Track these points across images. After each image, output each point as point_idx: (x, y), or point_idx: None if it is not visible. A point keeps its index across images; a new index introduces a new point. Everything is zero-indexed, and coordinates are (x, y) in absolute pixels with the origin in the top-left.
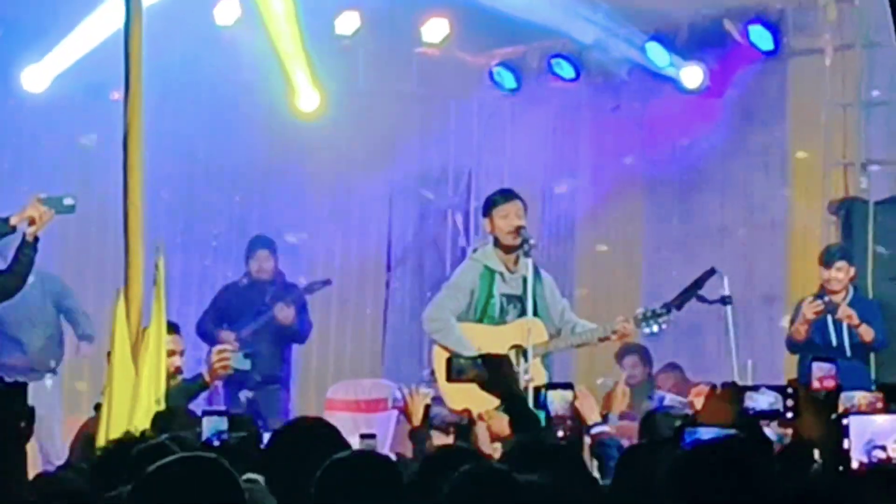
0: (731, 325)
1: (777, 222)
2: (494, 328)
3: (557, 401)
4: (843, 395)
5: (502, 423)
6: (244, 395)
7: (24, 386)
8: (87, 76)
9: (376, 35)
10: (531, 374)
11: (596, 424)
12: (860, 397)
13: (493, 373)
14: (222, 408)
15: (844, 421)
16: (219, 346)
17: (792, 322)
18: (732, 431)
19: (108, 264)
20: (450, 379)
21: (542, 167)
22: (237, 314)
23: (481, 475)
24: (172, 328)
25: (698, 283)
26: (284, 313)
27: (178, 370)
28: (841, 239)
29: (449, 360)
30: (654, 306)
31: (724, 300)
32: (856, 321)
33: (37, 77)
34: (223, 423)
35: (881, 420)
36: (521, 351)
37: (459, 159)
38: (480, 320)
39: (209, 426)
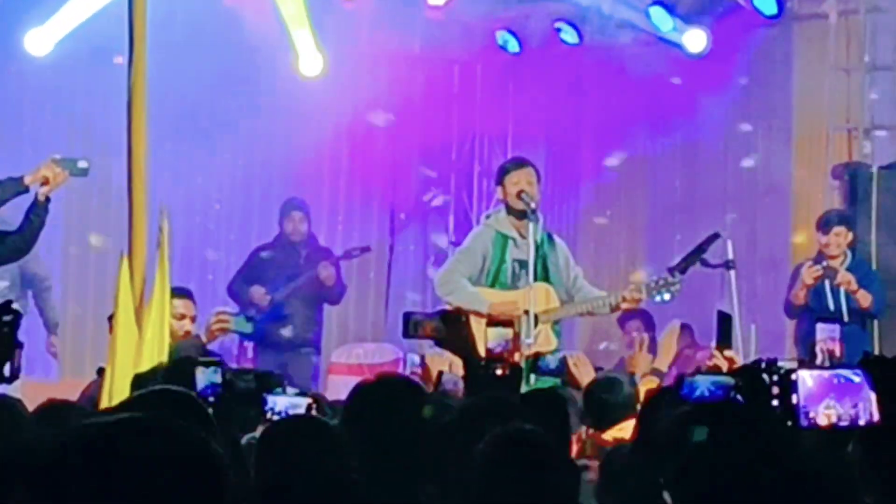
0: (734, 289)
1: (780, 187)
2: (505, 293)
3: (493, 338)
4: None
5: None
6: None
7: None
8: (90, 40)
9: None
10: (543, 339)
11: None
12: None
13: (451, 330)
14: (217, 357)
15: (793, 376)
16: (219, 308)
17: (790, 287)
18: (731, 380)
19: (112, 227)
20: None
21: (546, 132)
22: (270, 275)
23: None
24: (185, 294)
25: (702, 247)
26: (328, 272)
27: (188, 335)
28: (844, 204)
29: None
30: (664, 275)
31: (728, 264)
32: (854, 287)
33: (40, 41)
34: (217, 375)
35: (811, 382)
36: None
37: (463, 123)
38: (492, 285)
39: (202, 378)
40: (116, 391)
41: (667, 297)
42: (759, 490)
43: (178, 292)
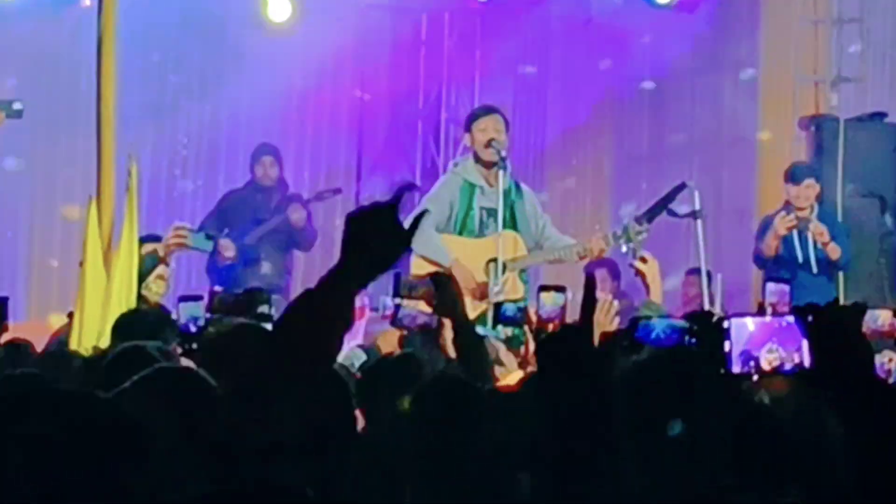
0: (701, 239)
1: (747, 138)
2: (473, 241)
3: (549, 303)
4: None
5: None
6: (265, 309)
7: None
8: None
9: None
10: (509, 287)
11: None
12: (883, 316)
13: (441, 292)
14: (199, 293)
15: (725, 324)
16: (177, 223)
17: (758, 237)
18: (686, 324)
19: (79, 171)
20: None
21: (513, 80)
22: (240, 220)
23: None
24: (156, 239)
25: (669, 196)
26: (299, 214)
27: (161, 276)
28: (811, 156)
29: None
30: (629, 222)
31: (695, 214)
32: (826, 238)
33: None
34: (199, 310)
35: (753, 326)
36: (499, 264)
37: (430, 71)
38: (460, 233)
39: (185, 312)
40: (86, 334)
41: (632, 244)
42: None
43: (148, 239)
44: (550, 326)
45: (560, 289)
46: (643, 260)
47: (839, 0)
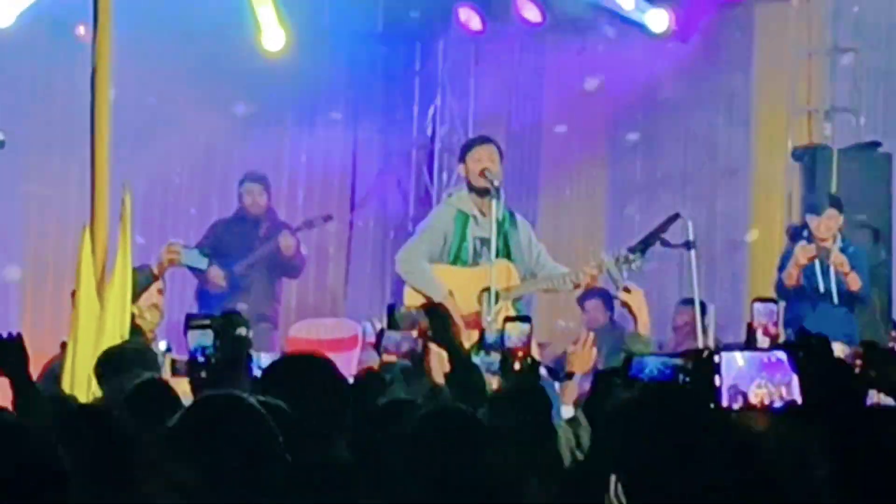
0: (695, 270)
1: (741, 168)
2: (466, 270)
3: (515, 334)
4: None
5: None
6: (241, 331)
7: None
8: (52, 10)
9: None
10: (502, 316)
11: None
12: (838, 349)
13: (435, 323)
14: (206, 320)
15: (716, 358)
16: (171, 240)
17: (780, 267)
18: (681, 362)
19: (73, 200)
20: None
21: (507, 110)
22: (229, 248)
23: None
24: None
25: (662, 227)
26: (288, 241)
27: (155, 305)
28: (805, 186)
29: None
30: (623, 251)
31: (688, 245)
32: (847, 268)
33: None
34: (207, 338)
35: (742, 361)
36: (492, 294)
37: (424, 101)
38: (454, 263)
39: (193, 340)
40: (79, 365)
41: (626, 273)
42: (702, 472)
43: (142, 269)
44: (520, 354)
45: (525, 319)
46: (627, 290)
47: (833, 30)
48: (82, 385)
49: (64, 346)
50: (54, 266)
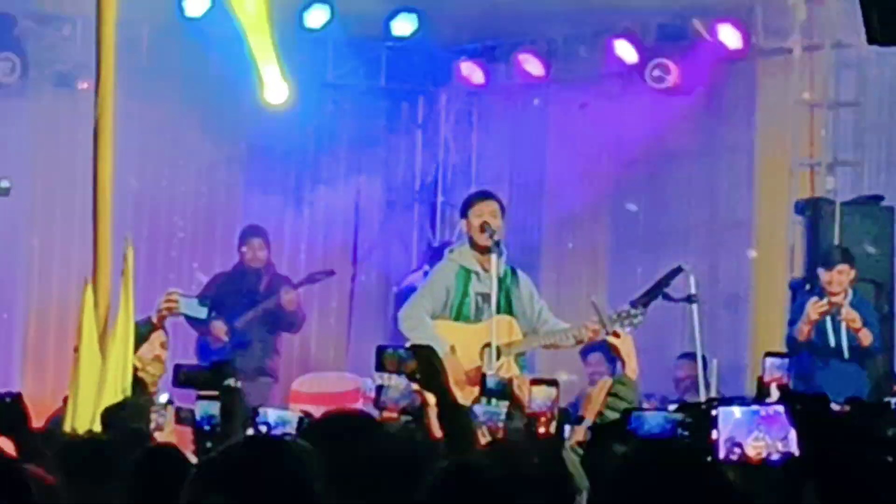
0: (697, 323)
1: (743, 221)
2: (468, 326)
3: (541, 397)
4: None
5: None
6: (231, 382)
7: None
8: (55, 65)
9: (345, 28)
10: (504, 372)
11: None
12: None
13: (422, 365)
14: (214, 392)
15: (713, 412)
16: (170, 289)
17: (791, 322)
18: (680, 416)
19: (75, 253)
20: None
21: (509, 164)
22: (230, 302)
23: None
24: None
25: (664, 281)
26: (290, 296)
27: (158, 358)
28: (807, 239)
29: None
30: (625, 306)
31: (690, 299)
32: (858, 324)
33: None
34: (213, 408)
35: (739, 413)
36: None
37: (427, 154)
38: (456, 319)
39: (199, 410)
40: (80, 419)
41: (628, 328)
42: None
43: (144, 323)
44: (542, 419)
45: (552, 382)
46: (616, 335)
47: (835, 83)
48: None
49: (66, 400)
50: (57, 319)
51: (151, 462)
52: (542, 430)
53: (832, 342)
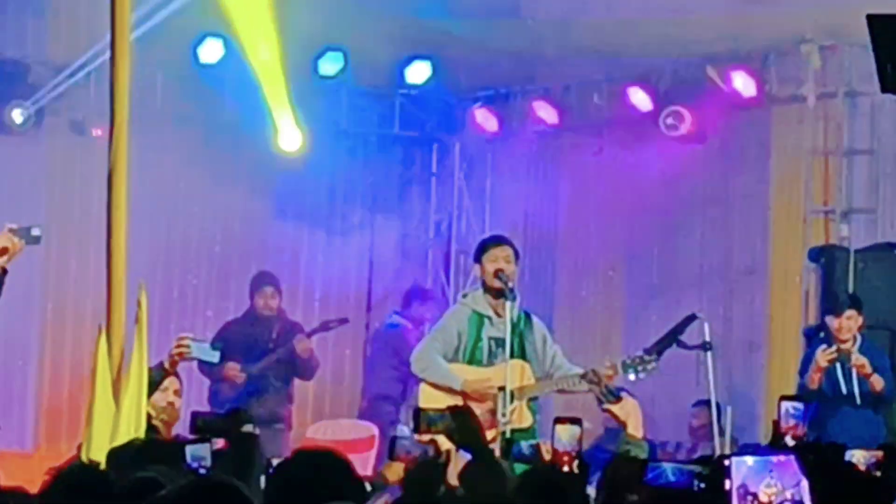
0: (711, 371)
1: (757, 269)
2: (481, 370)
3: (566, 437)
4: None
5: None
6: (248, 427)
7: None
8: (69, 112)
9: (359, 76)
10: (515, 417)
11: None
12: (858, 455)
13: (461, 424)
14: (202, 434)
15: (726, 462)
16: (181, 334)
17: (802, 371)
18: (697, 468)
19: (89, 300)
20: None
21: (523, 210)
22: (243, 350)
23: None
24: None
25: (679, 328)
26: (304, 345)
27: (172, 405)
28: (821, 287)
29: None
30: (639, 353)
31: (705, 346)
32: (868, 370)
33: (21, 112)
34: (204, 450)
35: (751, 462)
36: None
37: (441, 201)
38: (469, 363)
39: (190, 453)
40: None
41: (642, 374)
42: None
43: (157, 368)
44: (566, 458)
45: (575, 421)
46: (618, 400)
47: (849, 131)
48: None
49: (80, 448)
50: (70, 367)
51: None
52: (566, 468)
53: (844, 389)
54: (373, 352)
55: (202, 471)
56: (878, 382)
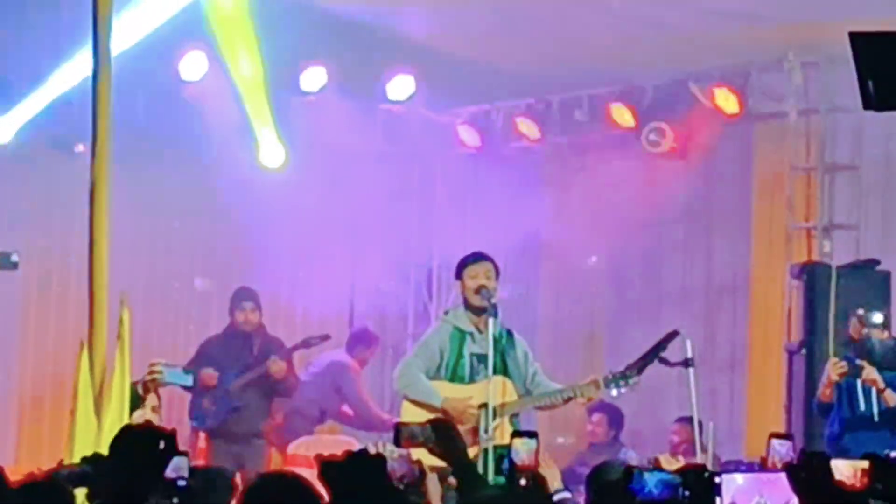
0: (693, 387)
1: (739, 285)
2: (462, 387)
3: (523, 450)
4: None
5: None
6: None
7: None
8: (51, 128)
9: (342, 91)
10: (499, 433)
11: (558, 491)
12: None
13: (442, 439)
14: (184, 448)
15: (717, 479)
16: (153, 360)
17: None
18: (678, 479)
19: (71, 316)
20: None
21: (505, 226)
22: (223, 365)
23: None
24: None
25: (661, 345)
26: (278, 366)
27: (149, 423)
28: (803, 303)
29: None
30: (620, 369)
31: (687, 363)
32: (881, 385)
33: (1, 128)
34: (183, 463)
35: (741, 480)
36: (489, 409)
37: (422, 217)
38: (451, 380)
39: (171, 466)
40: None
41: (624, 390)
42: None
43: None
44: (525, 472)
45: (532, 434)
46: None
47: (831, 147)
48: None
49: (61, 463)
50: (52, 383)
51: None
52: (523, 481)
53: (862, 406)
54: (310, 375)
55: (181, 482)
56: (891, 398)
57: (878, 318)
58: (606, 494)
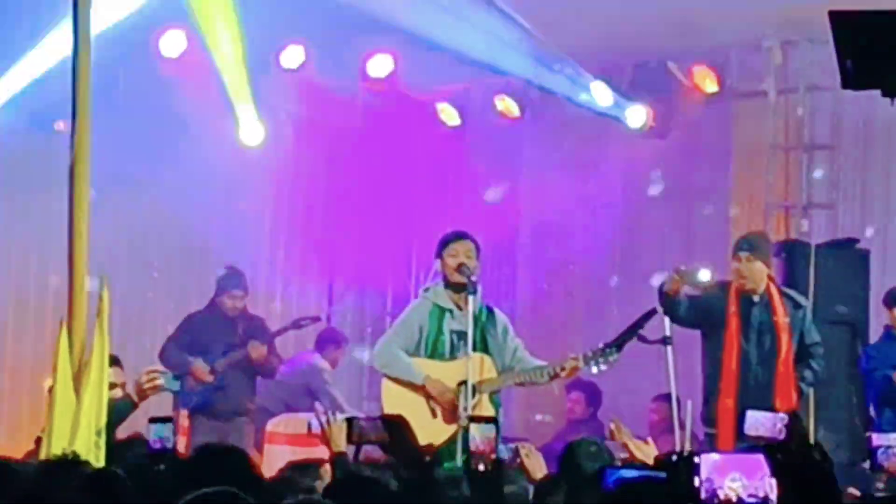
0: (672, 365)
1: (718, 264)
2: (442, 364)
3: (478, 436)
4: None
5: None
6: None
7: None
8: (31, 105)
9: (321, 69)
10: (477, 410)
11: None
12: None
13: (393, 435)
14: (169, 415)
15: (696, 459)
16: (149, 367)
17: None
18: (654, 473)
19: (50, 294)
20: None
21: (485, 204)
22: (207, 345)
23: None
24: (113, 361)
25: (639, 323)
26: (258, 352)
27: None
28: (782, 281)
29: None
30: (599, 346)
31: (665, 340)
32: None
33: None
34: (167, 430)
35: (717, 457)
36: (469, 386)
37: (401, 195)
38: (431, 357)
39: (153, 431)
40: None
41: (603, 367)
42: None
43: (115, 361)
44: (482, 457)
45: (490, 420)
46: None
47: (810, 126)
48: None
49: (38, 441)
50: (32, 361)
51: None
52: (481, 467)
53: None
54: (281, 375)
55: (168, 444)
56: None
57: (704, 275)
58: (582, 490)
